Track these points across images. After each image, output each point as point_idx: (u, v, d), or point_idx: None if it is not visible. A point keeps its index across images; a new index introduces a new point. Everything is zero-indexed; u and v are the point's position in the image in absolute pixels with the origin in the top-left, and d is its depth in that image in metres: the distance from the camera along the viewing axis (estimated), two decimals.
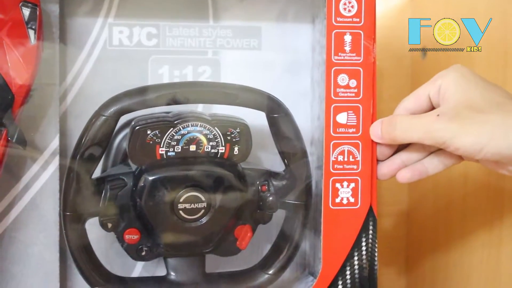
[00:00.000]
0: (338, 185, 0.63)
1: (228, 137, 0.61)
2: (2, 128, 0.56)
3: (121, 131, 0.64)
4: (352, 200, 0.64)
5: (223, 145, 0.61)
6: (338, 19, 0.62)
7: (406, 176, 0.63)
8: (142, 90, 0.59)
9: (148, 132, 0.59)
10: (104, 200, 0.59)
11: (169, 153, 0.60)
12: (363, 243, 0.65)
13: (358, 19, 0.62)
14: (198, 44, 0.67)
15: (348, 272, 0.65)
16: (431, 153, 0.63)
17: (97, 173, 0.61)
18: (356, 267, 0.65)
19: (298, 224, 0.64)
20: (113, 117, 0.58)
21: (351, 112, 0.63)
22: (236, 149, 0.62)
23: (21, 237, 0.61)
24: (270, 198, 0.63)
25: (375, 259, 0.65)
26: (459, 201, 0.79)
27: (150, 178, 0.59)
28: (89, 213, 0.59)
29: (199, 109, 0.66)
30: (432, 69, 0.65)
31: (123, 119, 0.60)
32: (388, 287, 0.89)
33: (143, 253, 0.61)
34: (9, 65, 0.56)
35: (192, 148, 0.60)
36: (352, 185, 0.64)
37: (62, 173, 0.60)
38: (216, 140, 0.61)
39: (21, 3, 0.57)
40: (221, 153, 0.61)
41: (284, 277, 0.66)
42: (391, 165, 0.63)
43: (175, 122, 0.60)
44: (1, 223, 0.60)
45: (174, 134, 0.60)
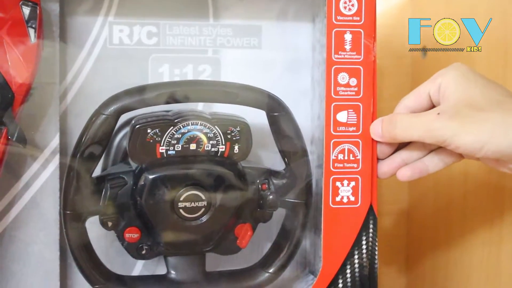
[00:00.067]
0: (339, 184, 0.63)
1: (228, 136, 0.61)
2: (2, 127, 0.56)
3: (121, 130, 0.64)
4: (353, 199, 0.64)
5: (223, 144, 0.61)
6: (339, 18, 0.62)
7: (407, 175, 0.63)
8: (142, 89, 0.59)
9: (148, 131, 0.59)
10: (104, 199, 0.59)
11: (169, 152, 0.60)
12: (364, 242, 0.64)
13: (359, 18, 0.62)
14: (199, 43, 0.67)
15: (349, 271, 0.65)
16: (432, 151, 0.63)
17: (97, 172, 0.61)
18: (357, 266, 0.65)
19: (298, 223, 0.64)
20: (113, 116, 0.58)
21: (352, 111, 0.63)
22: (236, 148, 0.61)
23: (21, 236, 0.61)
24: (270, 197, 0.63)
25: (376, 258, 0.65)
26: (460, 200, 0.79)
27: (150, 177, 0.59)
28: (89, 212, 0.59)
29: (199, 108, 0.66)
30: (433, 68, 0.65)
31: (123, 118, 0.60)
32: (389, 286, 0.89)
33: (143, 252, 0.61)
34: (9, 64, 0.55)
35: (192, 147, 0.60)
36: (353, 184, 0.64)
37: (62, 172, 0.60)
38: (216, 139, 0.61)
39: (21, 2, 0.57)
40: (221, 152, 0.61)
41: (285, 276, 0.66)
42: (392, 164, 0.63)
43: (175, 121, 0.59)
44: (1, 222, 0.60)
45: (174, 133, 0.60)
